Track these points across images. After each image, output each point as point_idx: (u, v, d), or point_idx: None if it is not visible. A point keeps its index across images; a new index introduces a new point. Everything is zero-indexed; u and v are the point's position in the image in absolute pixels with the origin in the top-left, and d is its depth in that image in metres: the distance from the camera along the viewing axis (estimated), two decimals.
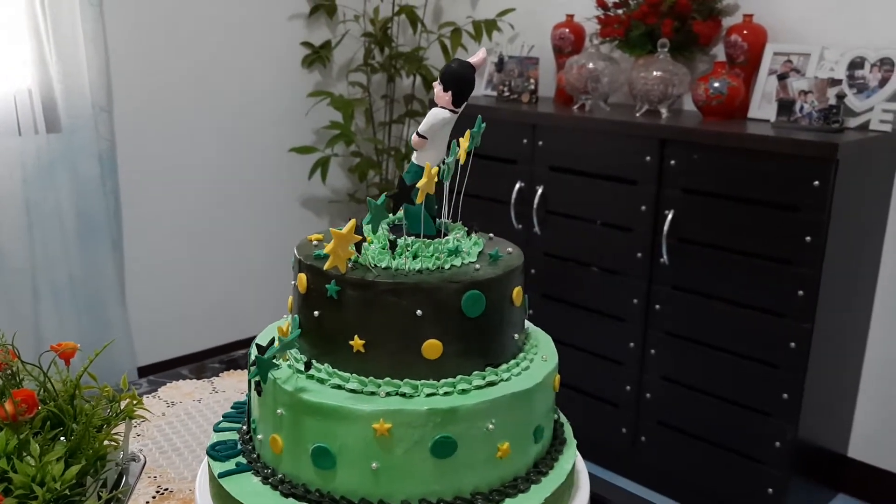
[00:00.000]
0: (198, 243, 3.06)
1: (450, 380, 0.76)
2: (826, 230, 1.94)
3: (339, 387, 0.76)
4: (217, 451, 0.84)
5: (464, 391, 0.76)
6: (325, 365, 0.78)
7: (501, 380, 0.78)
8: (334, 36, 3.29)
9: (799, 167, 1.96)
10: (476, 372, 0.78)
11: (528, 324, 0.93)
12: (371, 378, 0.76)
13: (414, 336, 0.75)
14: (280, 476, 0.79)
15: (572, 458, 0.85)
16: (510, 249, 0.86)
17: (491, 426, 0.75)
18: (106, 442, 0.74)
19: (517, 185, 2.56)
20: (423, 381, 0.75)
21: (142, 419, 0.80)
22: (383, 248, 0.79)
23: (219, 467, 0.82)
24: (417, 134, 0.82)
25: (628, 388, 2.40)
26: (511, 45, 3.05)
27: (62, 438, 0.73)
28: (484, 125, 0.87)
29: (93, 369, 0.79)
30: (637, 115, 2.42)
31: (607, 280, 2.40)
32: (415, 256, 0.78)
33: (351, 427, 0.73)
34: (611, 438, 2.47)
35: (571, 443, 0.89)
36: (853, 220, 2.07)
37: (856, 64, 2.18)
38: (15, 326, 2.46)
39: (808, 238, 1.97)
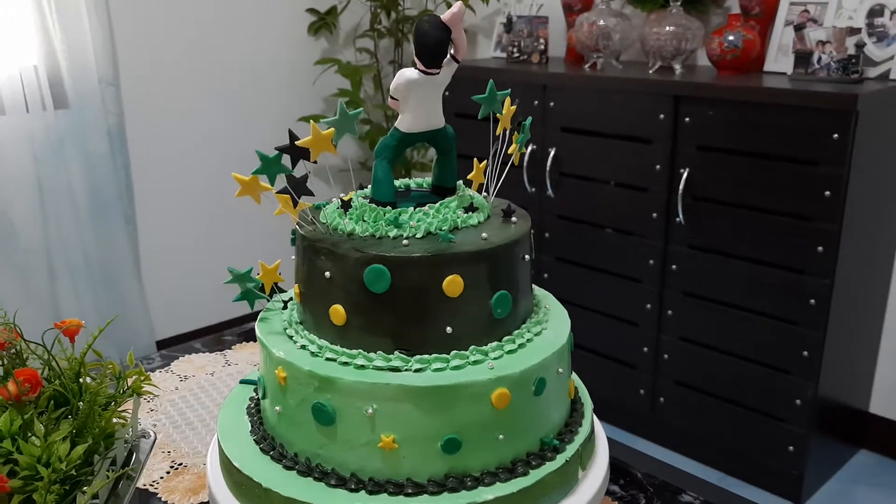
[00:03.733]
0: (210, 216, 3.05)
1: (354, 351, 0.74)
2: (846, 184, 1.90)
3: (284, 329, 0.80)
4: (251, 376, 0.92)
5: (361, 367, 0.72)
6: (291, 307, 0.84)
7: (409, 369, 0.72)
8: (340, 1, 3.24)
9: (817, 120, 1.91)
10: (381, 352, 0.74)
11: (558, 317, 0.84)
12: (302, 328, 0.80)
13: (324, 297, 0.76)
14: (256, 398, 0.86)
15: (506, 490, 0.71)
16: (485, 235, 0.74)
17: (370, 411, 0.70)
18: (114, 420, 0.74)
19: (529, 148, 2.52)
20: (331, 346, 0.75)
21: (150, 395, 0.79)
22: (339, 208, 0.79)
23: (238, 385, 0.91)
24: (390, 95, 0.79)
25: (645, 349, 2.38)
26: (519, 4, 2.98)
27: (68, 417, 0.72)
28: (508, 91, 0.82)
29: (111, 346, 0.79)
30: (650, 71, 2.37)
31: (623, 241, 2.38)
32: (362, 220, 0.77)
33: (268, 366, 0.77)
34: (629, 400, 2.46)
35: (536, 474, 0.73)
36: (874, 174, 2.02)
37: (875, 11, 2.11)
38: (31, 305, 2.47)
39: (827, 193, 1.92)
